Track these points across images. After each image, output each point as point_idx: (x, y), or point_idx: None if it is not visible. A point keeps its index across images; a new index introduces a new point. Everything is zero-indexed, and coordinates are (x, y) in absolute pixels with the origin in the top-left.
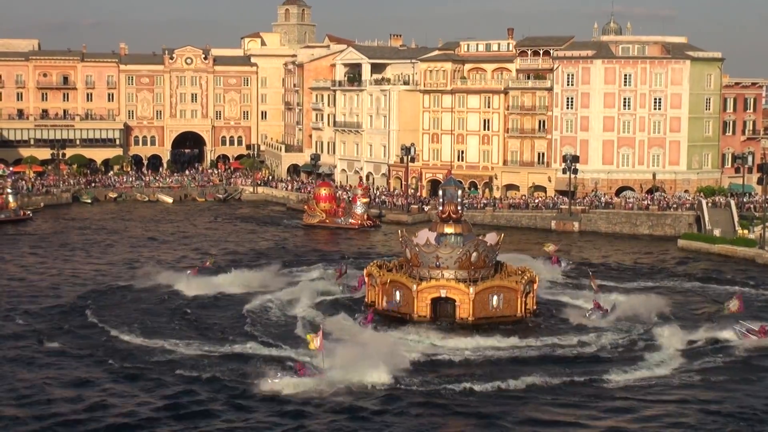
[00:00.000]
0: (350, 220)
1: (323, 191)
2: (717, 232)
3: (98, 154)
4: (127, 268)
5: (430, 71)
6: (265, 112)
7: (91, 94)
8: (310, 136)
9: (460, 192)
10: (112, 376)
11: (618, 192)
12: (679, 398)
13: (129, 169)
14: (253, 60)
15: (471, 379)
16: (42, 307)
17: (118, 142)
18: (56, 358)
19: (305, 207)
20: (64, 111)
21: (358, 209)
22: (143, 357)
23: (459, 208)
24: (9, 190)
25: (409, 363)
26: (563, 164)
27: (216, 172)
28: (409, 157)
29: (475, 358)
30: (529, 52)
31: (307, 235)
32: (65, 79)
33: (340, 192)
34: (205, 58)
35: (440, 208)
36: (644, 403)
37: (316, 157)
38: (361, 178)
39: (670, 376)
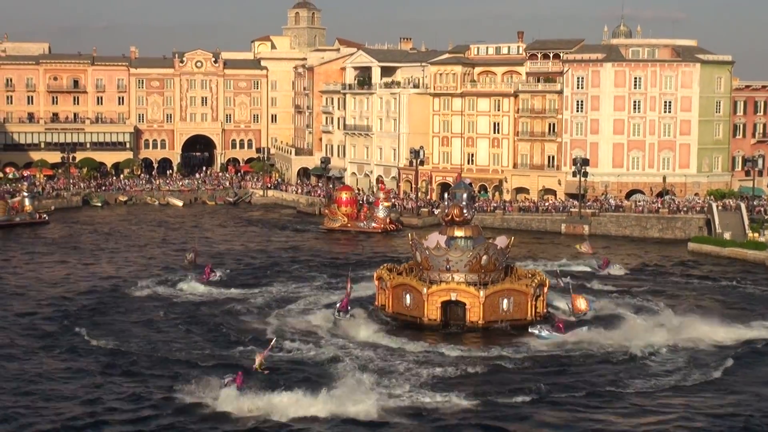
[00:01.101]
0: (372, 224)
1: (344, 195)
2: (727, 236)
3: (108, 158)
4: (133, 273)
5: (440, 74)
6: (275, 116)
7: (102, 98)
8: (320, 139)
9: (465, 195)
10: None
11: (628, 195)
12: (687, 404)
13: (139, 172)
14: (263, 63)
15: (473, 390)
16: (39, 312)
17: (128, 145)
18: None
19: (326, 211)
20: (75, 114)
21: (381, 213)
22: (125, 359)
23: (465, 211)
24: (25, 193)
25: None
26: (573, 167)
27: (226, 175)
28: (419, 160)
29: (476, 366)
30: (539, 55)
31: (332, 240)
32: (75, 83)
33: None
34: (216, 62)
35: (445, 210)
36: (652, 413)
37: (326, 161)
38: (382, 182)
39: (677, 383)
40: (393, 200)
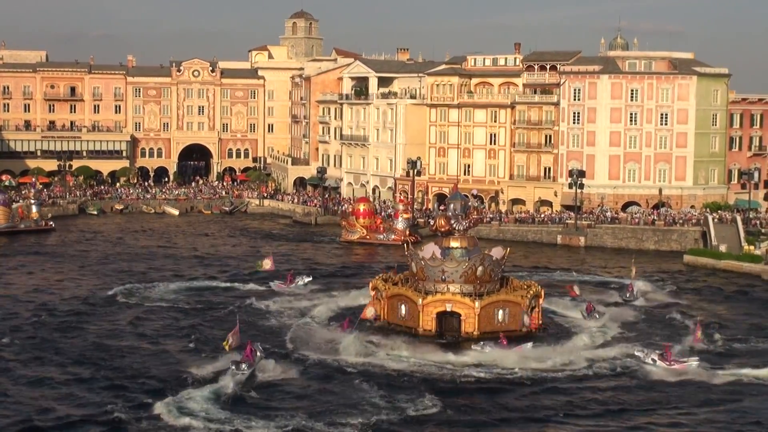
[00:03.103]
0: (392, 236)
1: (362, 207)
2: (723, 248)
3: (105, 166)
4: (128, 280)
5: (437, 85)
6: (272, 125)
7: (99, 106)
8: (317, 149)
9: (451, 206)
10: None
11: (624, 207)
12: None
13: (135, 181)
14: (260, 73)
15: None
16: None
17: (124, 153)
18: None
19: (344, 223)
20: (71, 122)
21: (400, 224)
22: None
23: (453, 221)
24: (32, 200)
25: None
26: (569, 179)
27: (222, 184)
28: (416, 170)
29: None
30: (536, 67)
31: (353, 253)
32: (72, 91)
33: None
34: (213, 71)
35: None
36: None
37: (322, 170)
38: (401, 192)
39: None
40: (390, 211)
